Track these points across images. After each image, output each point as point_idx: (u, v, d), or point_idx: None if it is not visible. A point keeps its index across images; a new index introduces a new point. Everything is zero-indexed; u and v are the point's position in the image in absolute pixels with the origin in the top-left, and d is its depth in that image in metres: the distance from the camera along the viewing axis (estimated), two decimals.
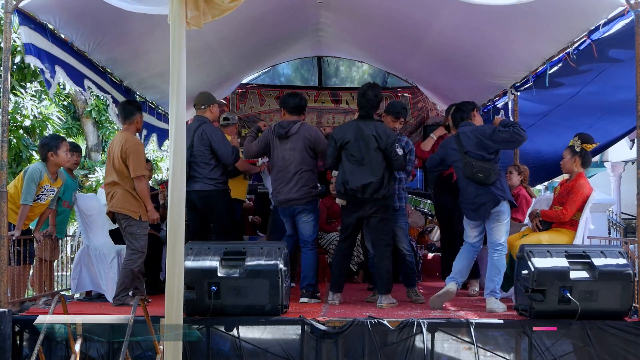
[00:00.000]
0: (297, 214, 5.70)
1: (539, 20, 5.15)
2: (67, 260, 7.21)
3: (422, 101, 9.52)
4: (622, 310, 4.65)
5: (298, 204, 5.65)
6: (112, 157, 5.47)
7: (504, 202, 5.26)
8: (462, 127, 5.46)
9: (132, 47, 6.17)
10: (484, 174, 5.21)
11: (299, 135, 5.62)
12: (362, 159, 5.39)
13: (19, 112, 10.67)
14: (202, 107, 5.92)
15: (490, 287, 5.25)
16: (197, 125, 5.80)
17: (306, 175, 5.64)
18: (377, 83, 6.20)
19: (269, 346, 4.64)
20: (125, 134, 5.56)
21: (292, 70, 10.16)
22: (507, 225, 5.33)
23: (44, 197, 5.59)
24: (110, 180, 5.47)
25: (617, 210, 13.47)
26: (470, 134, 5.34)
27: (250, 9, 5.07)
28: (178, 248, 3.49)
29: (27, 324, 4.69)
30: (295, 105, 5.76)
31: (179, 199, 3.56)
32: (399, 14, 6.23)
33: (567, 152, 5.54)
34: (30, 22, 4.93)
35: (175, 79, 3.49)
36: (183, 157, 3.57)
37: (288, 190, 5.63)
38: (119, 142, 5.46)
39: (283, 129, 5.66)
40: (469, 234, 5.49)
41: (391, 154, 5.40)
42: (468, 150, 5.29)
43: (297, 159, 5.62)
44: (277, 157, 5.69)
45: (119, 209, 5.42)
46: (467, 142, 5.32)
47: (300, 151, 5.62)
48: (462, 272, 5.46)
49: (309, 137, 5.65)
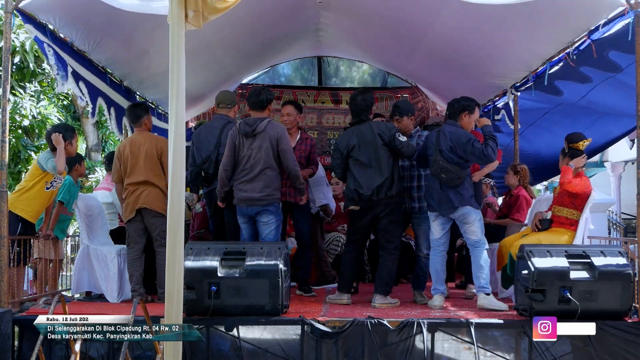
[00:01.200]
0: (255, 214, 5.40)
1: (539, 20, 5.15)
2: (67, 260, 7.21)
3: (422, 101, 9.51)
4: (622, 310, 4.65)
5: (259, 204, 5.35)
6: (141, 156, 5.54)
7: (462, 208, 5.25)
8: (446, 125, 5.45)
9: (132, 47, 6.17)
10: (447, 176, 5.21)
11: (265, 133, 5.33)
12: (369, 161, 5.36)
13: (18, 112, 10.68)
14: (229, 106, 5.87)
15: (477, 284, 5.29)
16: (222, 124, 5.72)
17: (272, 175, 5.36)
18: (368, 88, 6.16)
19: (269, 346, 4.64)
20: (147, 133, 5.72)
21: (292, 70, 10.16)
22: (478, 224, 5.32)
23: (56, 184, 5.63)
24: (140, 180, 5.54)
25: (617, 210, 13.47)
26: (447, 135, 5.31)
27: (250, 9, 5.08)
28: (178, 248, 3.49)
29: (27, 324, 4.69)
30: (256, 101, 5.43)
31: (179, 199, 3.56)
32: (399, 14, 6.23)
33: (560, 155, 5.64)
34: (31, 22, 4.93)
35: (175, 79, 3.49)
36: (183, 157, 3.57)
37: (251, 189, 5.33)
38: (148, 140, 5.58)
39: (249, 127, 5.35)
40: (434, 232, 5.46)
41: (395, 142, 5.35)
42: (442, 149, 5.28)
43: (263, 158, 5.33)
44: (242, 157, 5.37)
45: (154, 207, 5.52)
46: (443, 141, 5.31)
47: (267, 149, 5.32)
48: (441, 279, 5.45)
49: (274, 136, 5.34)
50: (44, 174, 5.50)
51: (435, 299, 5.36)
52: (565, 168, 5.44)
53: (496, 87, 7.21)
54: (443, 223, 5.42)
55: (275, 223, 5.40)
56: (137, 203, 5.56)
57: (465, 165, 5.29)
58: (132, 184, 5.59)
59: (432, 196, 5.37)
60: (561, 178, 5.44)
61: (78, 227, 6.50)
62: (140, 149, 5.57)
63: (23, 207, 5.47)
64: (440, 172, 5.23)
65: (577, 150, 5.47)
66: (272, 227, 5.37)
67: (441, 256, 5.47)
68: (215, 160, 5.62)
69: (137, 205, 5.57)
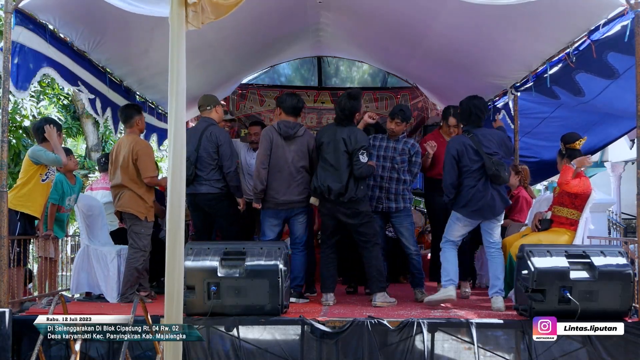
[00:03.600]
0: (293, 215, 5.68)
1: (539, 20, 5.15)
2: (67, 260, 7.21)
3: (422, 101, 9.51)
4: (622, 310, 4.65)
5: (298, 207, 5.65)
6: (120, 160, 5.67)
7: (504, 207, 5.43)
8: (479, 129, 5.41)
9: (132, 47, 6.17)
10: (503, 174, 5.27)
11: (304, 139, 5.65)
12: (332, 161, 5.50)
13: (18, 113, 10.67)
14: (208, 108, 5.94)
15: (498, 285, 5.30)
16: (204, 127, 5.80)
17: (307, 177, 5.65)
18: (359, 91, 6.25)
19: (269, 346, 4.64)
20: (132, 136, 5.79)
21: (292, 70, 10.15)
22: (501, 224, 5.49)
23: (50, 174, 5.64)
24: (117, 183, 5.72)
25: (617, 210, 13.46)
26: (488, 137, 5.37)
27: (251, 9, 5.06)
28: (178, 248, 3.49)
29: (27, 324, 4.69)
30: (293, 106, 5.72)
31: (179, 199, 3.56)
32: (399, 14, 6.22)
33: (557, 156, 5.66)
34: (29, 22, 4.92)
35: (174, 79, 3.49)
36: (182, 157, 3.56)
37: (290, 192, 5.59)
38: (128, 145, 5.67)
39: (291, 130, 5.63)
40: (454, 232, 5.50)
41: (353, 158, 5.47)
42: (490, 152, 5.29)
43: (301, 162, 5.63)
44: (279, 157, 5.62)
45: (126, 209, 5.69)
46: (487, 143, 5.32)
47: (305, 154, 5.63)
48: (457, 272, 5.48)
49: (312, 143, 5.69)
50: (37, 167, 5.49)
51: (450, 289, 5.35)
52: (566, 167, 5.42)
53: (496, 87, 7.20)
54: (470, 226, 5.49)
55: (307, 221, 5.81)
56: (116, 206, 5.80)
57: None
58: (113, 187, 5.83)
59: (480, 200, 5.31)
60: (560, 178, 5.44)
61: (78, 227, 6.49)
62: (120, 153, 5.72)
63: (24, 203, 5.45)
64: (497, 168, 5.23)
65: (574, 149, 5.46)
66: (305, 225, 5.76)
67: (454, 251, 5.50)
68: (194, 162, 5.66)
69: (116, 209, 5.82)
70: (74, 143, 16.00)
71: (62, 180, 5.98)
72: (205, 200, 5.72)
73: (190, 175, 5.61)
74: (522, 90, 6.79)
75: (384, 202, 5.87)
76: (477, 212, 5.36)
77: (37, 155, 5.48)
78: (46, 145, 5.53)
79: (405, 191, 5.93)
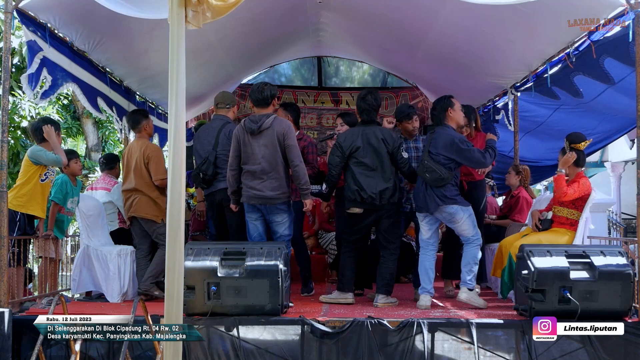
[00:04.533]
0: (271, 213, 5.35)
1: (539, 20, 5.15)
2: (67, 260, 7.20)
3: (422, 101, 9.52)
4: (622, 310, 4.64)
5: (273, 204, 5.30)
6: (132, 164, 5.76)
7: (449, 206, 5.27)
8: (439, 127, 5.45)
9: (132, 47, 6.17)
10: (430, 176, 5.24)
11: (272, 130, 5.25)
12: (374, 165, 5.37)
13: (17, 113, 10.65)
14: (227, 106, 5.89)
15: (462, 278, 5.35)
16: (220, 125, 5.74)
17: (283, 172, 5.29)
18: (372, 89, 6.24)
19: (269, 346, 4.63)
20: (142, 141, 5.89)
21: (292, 70, 10.16)
22: (469, 221, 5.33)
23: (49, 174, 5.66)
24: (130, 187, 5.80)
25: (617, 210, 13.46)
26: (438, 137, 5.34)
27: (251, 9, 5.08)
28: (178, 248, 3.49)
29: (27, 324, 4.69)
30: (260, 98, 5.33)
31: (179, 199, 3.56)
32: (399, 14, 6.22)
33: (560, 155, 5.57)
34: (30, 22, 4.92)
35: (174, 79, 3.48)
36: (182, 157, 3.56)
37: (263, 187, 5.25)
38: (139, 149, 5.76)
39: (254, 124, 5.27)
40: (422, 232, 5.52)
41: (397, 156, 5.42)
42: (431, 151, 5.32)
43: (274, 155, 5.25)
44: (249, 155, 5.29)
45: (142, 215, 5.78)
46: (433, 143, 5.34)
47: (275, 146, 5.25)
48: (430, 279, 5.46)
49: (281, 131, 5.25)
50: (37, 167, 5.49)
51: (422, 299, 5.36)
52: (557, 178, 5.36)
53: (496, 87, 7.21)
54: (430, 222, 5.48)
55: (289, 221, 5.40)
56: (129, 211, 5.86)
57: (451, 167, 5.29)
58: (125, 190, 5.87)
59: (418, 196, 5.43)
60: (555, 191, 5.38)
61: (78, 227, 6.49)
62: (132, 157, 5.79)
63: (24, 203, 5.45)
64: (425, 171, 5.28)
65: (579, 151, 5.46)
66: (285, 225, 5.38)
67: (430, 256, 5.50)
68: (213, 161, 5.63)
69: (129, 213, 5.87)
70: (74, 143, 15.98)
71: (67, 181, 6.01)
72: (225, 195, 5.55)
73: (212, 175, 5.59)
74: (522, 90, 6.79)
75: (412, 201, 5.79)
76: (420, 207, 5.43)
77: (36, 155, 5.47)
78: (45, 145, 5.53)
79: None
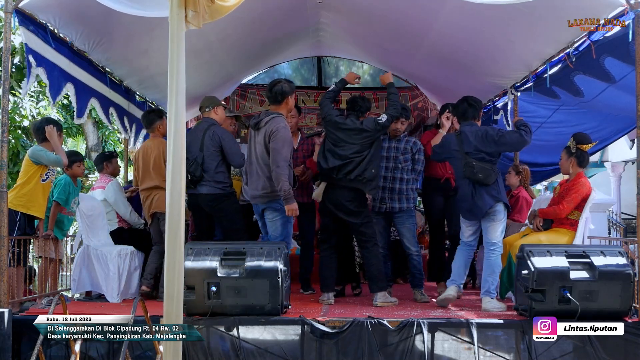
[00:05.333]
0: (262, 212, 5.44)
1: (539, 20, 5.15)
2: (67, 260, 7.21)
3: (422, 101, 9.51)
4: (622, 310, 4.65)
5: (261, 202, 5.39)
6: (150, 163, 5.86)
7: (499, 203, 5.29)
8: (464, 126, 5.44)
9: (132, 47, 6.17)
10: (484, 175, 5.22)
11: (265, 128, 5.28)
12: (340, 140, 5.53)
13: (18, 113, 10.66)
14: (207, 109, 5.90)
15: (485, 287, 5.28)
16: (206, 127, 5.76)
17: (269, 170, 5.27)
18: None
19: (269, 346, 4.64)
20: (158, 139, 6.01)
21: (292, 70, 10.15)
22: (503, 225, 5.35)
23: (50, 174, 5.66)
24: (151, 185, 5.91)
25: (617, 210, 13.46)
26: (471, 135, 5.32)
27: (251, 9, 5.07)
28: (178, 248, 3.49)
29: (27, 324, 4.69)
30: (269, 95, 5.48)
31: (179, 199, 3.56)
32: (399, 14, 6.22)
33: (564, 153, 5.56)
34: (30, 22, 4.92)
35: (174, 79, 3.49)
36: (182, 157, 3.56)
37: (254, 185, 5.39)
38: (156, 147, 5.89)
39: (255, 119, 5.44)
40: (464, 233, 5.53)
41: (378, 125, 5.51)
42: (469, 151, 5.29)
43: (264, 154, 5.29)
44: (251, 152, 5.44)
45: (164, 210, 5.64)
46: (467, 142, 5.31)
47: (262, 145, 5.29)
48: (461, 273, 5.48)
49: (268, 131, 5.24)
50: (37, 167, 5.49)
51: (450, 289, 5.37)
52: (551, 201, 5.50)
53: (496, 87, 7.20)
54: (473, 224, 5.45)
55: (281, 220, 5.37)
56: (150, 208, 5.92)
57: (495, 161, 5.33)
58: (145, 189, 5.96)
59: (466, 199, 5.36)
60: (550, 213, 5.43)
61: (78, 227, 6.49)
62: (150, 156, 5.90)
63: (24, 203, 5.46)
64: (476, 173, 5.22)
65: (583, 151, 5.46)
66: (277, 224, 5.36)
67: (467, 254, 5.52)
68: (201, 162, 5.61)
69: (150, 211, 5.93)
70: (74, 143, 15.98)
71: (70, 182, 6.02)
72: (207, 201, 5.65)
73: (199, 176, 5.59)
74: (522, 90, 6.78)
75: (387, 202, 5.86)
76: (467, 212, 5.40)
77: (37, 155, 5.47)
78: (46, 145, 5.53)
79: (409, 191, 5.92)
